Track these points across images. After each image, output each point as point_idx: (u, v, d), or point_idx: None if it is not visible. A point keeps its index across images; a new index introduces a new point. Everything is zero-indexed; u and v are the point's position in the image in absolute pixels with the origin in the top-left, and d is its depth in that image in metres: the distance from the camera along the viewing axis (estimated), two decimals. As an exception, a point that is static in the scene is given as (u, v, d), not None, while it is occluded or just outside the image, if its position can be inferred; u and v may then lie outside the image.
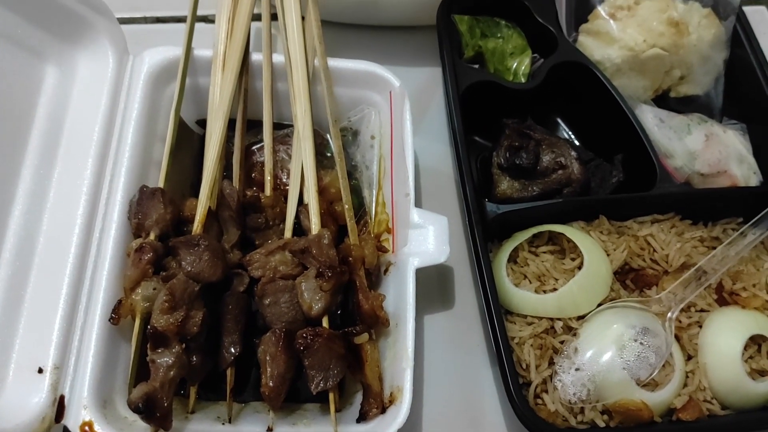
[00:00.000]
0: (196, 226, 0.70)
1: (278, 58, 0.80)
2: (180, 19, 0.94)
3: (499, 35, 0.89)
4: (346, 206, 0.74)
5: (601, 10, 0.87)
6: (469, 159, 0.81)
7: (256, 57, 0.80)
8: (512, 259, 0.78)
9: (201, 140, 0.80)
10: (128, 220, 0.71)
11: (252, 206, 0.74)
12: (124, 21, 0.93)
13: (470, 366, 0.79)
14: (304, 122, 0.76)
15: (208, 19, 0.91)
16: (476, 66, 0.88)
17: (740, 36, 0.91)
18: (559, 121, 0.92)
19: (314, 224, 0.72)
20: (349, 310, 0.72)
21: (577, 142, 0.90)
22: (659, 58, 0.86)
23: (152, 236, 0.70)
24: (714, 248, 0.79)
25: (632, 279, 0.78)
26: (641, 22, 0.86)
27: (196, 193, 0.74)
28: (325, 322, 0.68)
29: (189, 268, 0.67)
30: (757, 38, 0.93)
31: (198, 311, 0.66)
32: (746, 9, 1.04)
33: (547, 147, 0.81)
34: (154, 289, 0.66)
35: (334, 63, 0.81)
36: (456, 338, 0.80)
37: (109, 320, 0.66)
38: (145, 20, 0.96)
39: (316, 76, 0.80)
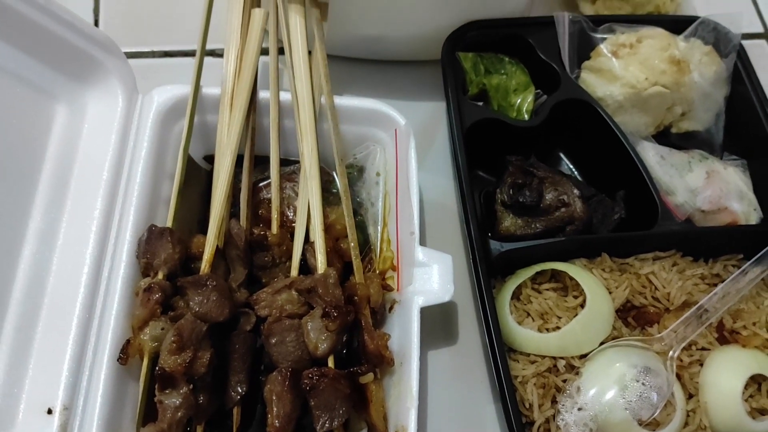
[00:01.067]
0: (204, 266, 0.71)
1: (285, 95, 0.81)
2: (188, 53, 0.96)
3: (503, 72, 0.90)
4: (352, 244, 0.75)
5: (604, 48, 0.89)
6: (473, 195, 0.82)
7: (263, 95, 0.81)
8: (515, 296, 0.79)
9: (208, 176, 0.81)
10: (137, 259, 0.72)
11: (259, 244, 0.75)
12: (132, 55, 0.96)
13: (474, 402, 0.79)
14: (311, 161, 0.77)
15: (216, 53, 0.92)
16: (480, 103, 0.89)
17: (741, 73, 0.92)
18: (562, 156, 0.93)
19: (320, 263, 0.73)
20: (354, 348, 0.73)
21: (579, 178, 0.91)
22: (661, 96, 0.87)
23: (160, 276, 0.70)
24: (715, 285, 0.80)
25: (634, 317, 0.79)
26: (643, 60, 0.87)
27: (203, 229, 0.75)
28: (330, 362, 0.69)
29: (197, 308, 0.68)
30: (758, 72, 0.94)
31: (206, 351, 0.67)
32: (747, 42, 1.06)
33: (550, 185, 0.82)
34: (162, 329, 0.67)
35: (341, 101, 0.82)
36: (460, 374, 0.81)
37: (118, 360, 0.67)
38: (153, 54, 0.97)
39: (322, 113, 0.81)
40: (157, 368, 0.65)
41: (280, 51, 0.83)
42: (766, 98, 0.90)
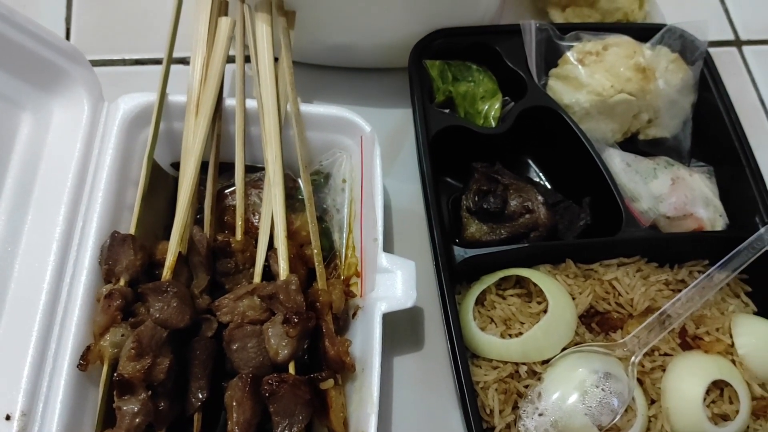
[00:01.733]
0: (166, 272, 0.71)
1: (251, 103, 0.82)
2: (159, 61, 0.94)
3: (470, 79, 0.91)
4: (315, 251, 0.76)
5: (570, 55, 0.89)
6: (439, 202, 0.83)
7: (229, 102, 0.82)
8: (480, 301, 0.79)
9: (176, 182, 0.81)
10: (99, 265, 0.72)
11: (222, 251, 0.76)
12: (103, 63, 0.97)
13: (438, 408, 0.80)
14: (275, 168, 0.77)
15: (185, 61, 0.92)
16: (447, 111, 0.90)
17: (707, 80, 0.93)
18: (530, 162, 0.94)
19: (283, 269, 0.73)
20: (316, 355, 0.73)
21: (547, 184, 0.92)
22: (627, 103, 0.88)
23: (122, 282, 0.71)
24: (679, 291, 0.80)
25: (597, 322, 0.79)
26: (609, 68, 0.87)
27: (169, 236, 0.75)
28: (291, 368, 0.69)
29: (157, 315, 0.68)
30: (730, 79, 0.95)
31: (165, 358, 0.67)
32: (718, 50, 1.08)
33: (514, 191, 0.83)
34: (123, 335, 0.68)
35: (307, 108, 0.82)
36: (425, 379, 0.81)
37: (78, 366, 0.67)
38: (124, 62, 0.97)
39: (288, 121, 0.82)
40: (115, 374, 0.65)
41: (247, 59, 0.84)
42: (732, 105, 0.91)
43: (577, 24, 0.97)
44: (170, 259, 0.72)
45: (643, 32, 0.93)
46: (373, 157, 0.80)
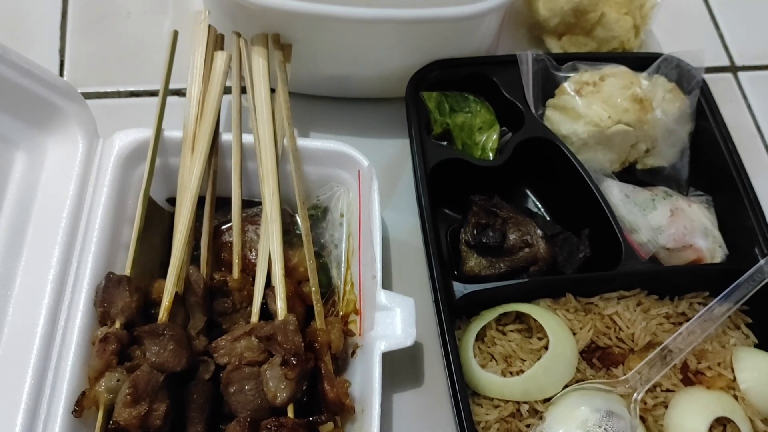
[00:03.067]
0: (162, 314, 0.70)
1: (248, 138, 0.81)
2: (154, 93, 0.96)
3: (467, 110, 0.91)
4: (313, 289, 0.75)
5: (567, 86, 0.89)
6: (438, 236, 0.82)
7: (226, 137, 0.81)
8: (480, 337, 0.79)
9: (171, 218, 0.80)
10: (94, 306, 0.71)
11: (219, 290, 0.75)
12: (98, 95, 0.96)
13: (439, 446, 0.79)
14: (272, 205, 0.76)
15: (182, 93, 0.92)
16: (444, 143, 0.89)
17: (704, 109, 0.93)
18: (528, 192, 0.94)
19: (280, 308, 0.73)
20: (315, 395, 0.72)
21: (546, 215, 0.92)
22: (624, 133, 0.88)
23: (117, 325, 0.70)
24: (680, 324, 0.80)
25: (598, 357, 0.78)
26: (606, 99, 0.87)
27: (165, 273, 0.75)
28: (290, 411, 0.68)
29: (153, 359, 0.67)
30: (725, 105, 0.96)
31: (161, 403, 0.66)
32: (714, 76, 1.08)
33: (513, 225, 0.82)
34: (118, 380, 0.67)
35: (304, 143, 0.82)
36: (425, 417, 0.80)
37: (72, 413, 0.66)
38: (119, 94, 0.97)
39: (285, 155, 0.81)
40: (111, 422, 0.64)
41: (244, 90, 0.83)
42: (729, 134, 0.91)
43: (574, 54, 0.97)
44: (167, 301, 0.71)
45: (640, 61, 0.93)
46: (371, 191, 0.79)
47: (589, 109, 0.87)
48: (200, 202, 0.79)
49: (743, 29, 1.13)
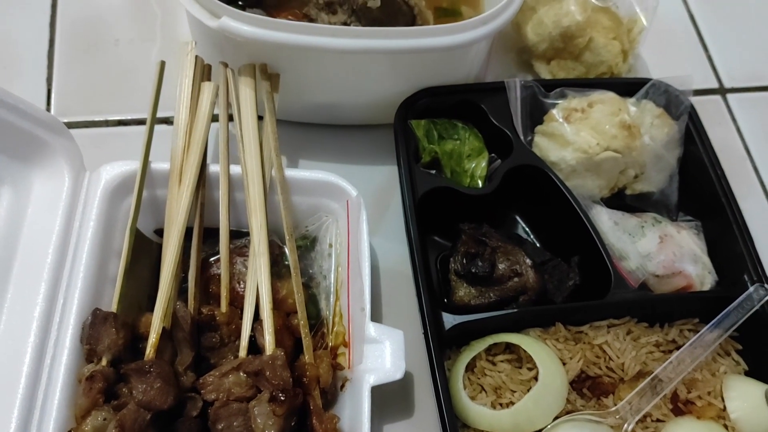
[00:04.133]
0: (149, 350, 0.70)
1: (236, 169, 0.81)
2: (141, 122, 0.94)
3: (456, 137, 0.91)
4: (302, 322, 0.75)
5: (556, 113, 0.89)
6: (427, 266, 0.82)
7: (213, 169, 0.81)
8: (470, 367, 0.78)
9: (159, 249, 0.80)
10: (81, 343, 0.71)
11: (207, 324, 0.74)
12: (85, 124, 0.96)
13: (430, 478, 0.78)
14: (260, 238, 0.76)
15: (169, 122, 0.91)
16: (433, 171, 0.89)
17: (693, 134, 0.93)
18: (518, 218, 0.93)
19: (269, 343, 0.72)
20: (304, 431, 0.72)
21: (535, 241, 0.91)
22: (613, 160, 0.88)
23: (104, 362, 0.69)
24: (670, 352, 0.80)
25: (589, 387, 0.78)
26: (594, 125, 0.87)
27: (153, 305, 0.74)
28: (278, 447, 0.68)
29: (140, 397, 0.67)
30: (714, 127, 0.96)
31: (149, 442, 0.66)
32: (702, 98, 1.08)
33: (502, 254, 0.82)
34: (105, 419, 0.66)
35: (292, 173, 0.82)
36: (416, 448, 0.80)
37: (58, 454, 0.66)
38: (107, 123, 0.96)
39: (273, 186, 0.81)
40: (97, 463, 0.64)
41: (231, 118, 0.83)
42: (717, 160, 0.91)
43: (562, 80, 0.97)
44: (153, 337, 0.70)
45: (628, 87, 0.94)
46: (359, 222, 0.79)
47: (577, 136, 0.87)
48: (188, 233, 0.78)
49: (732, 51, 1.13)
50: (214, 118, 0.82)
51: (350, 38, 0.79)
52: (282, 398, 0.68)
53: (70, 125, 0.93)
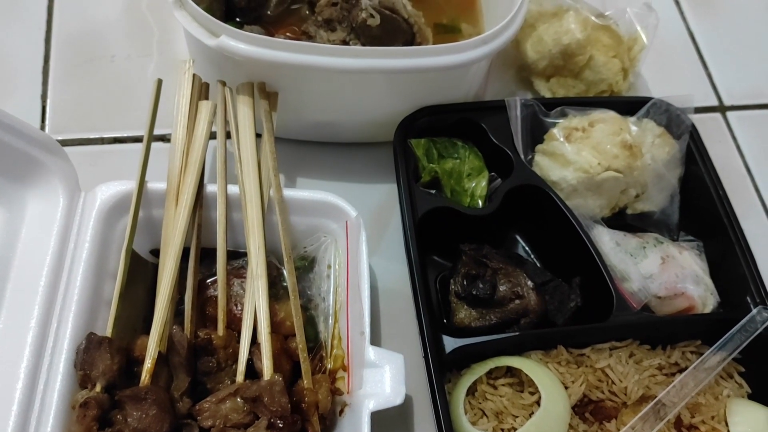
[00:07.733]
0: (144, 376, 0.69)
1: (233, 189, 0.80)
2: (138, 139, 0.94)
3: (456, 156, 0.90)
4: (300, 346, 0.73)
5: (556, 132, 0.89)
6: (428, 287, 0.81)
7: (210, 189, 0.80)
8: (471, 391, 0.77)
9: (155, 270, 0.79)
10: (75, 368, 0.69)
11: (204, 348, 0.73)
12: (80, 142, 0.94)
13: (430, 505, 0.77)
14: (258, 260, 0.75)
15: (166, 139, 0.90)
16: (433, 191, 0.88)
17: (694, 153, 0.92)
18: (518, 238, 0.93)
19: (266, 367, 0.71)
20: (303, 458, 0.71)
21: (536, 261, 0.90)
22: (614, 180, 0.87)
23: (98, 388, 0.68)
24: (673, 375, 0.79)
25: (591, 411, 0.77)
26: (595, 145, 0.87)
27: (149, 328, 0.73)
28: (276, 476, 0.67)
29: (135, 424, 0.66)
30: (714, 145, 0.95)
31: (143, 471, 0.64)
32: (702, 116, 1.07)
33: (503, 276, 0.81)
34: (99, 447, 0.65)
35: (290, 193, 0.80)
36: (416, 475, 0.79)
37: (51, 483, 0.64)
38: (103, 141, 0.95)
39: (271, 206, 0.80)
40: (91, 493, 0.62)
41: (229, 136, 0.82)
42: (719, 179, 0.90)
43: (563, 99, 0.96)
44: (149, 363, 0.69)
45: (629, 106, 0.93)
46: (359, 243, 0.78)
47: (578, 156, 0.86)
48: (184, 254, 0.77)
49: (731, 69, 1.13)
50: (212, 136, 0.82)
51: (350, 58, 0.78)
52: (280, 425, 0.66)
53: (65, 142, 0.92)
